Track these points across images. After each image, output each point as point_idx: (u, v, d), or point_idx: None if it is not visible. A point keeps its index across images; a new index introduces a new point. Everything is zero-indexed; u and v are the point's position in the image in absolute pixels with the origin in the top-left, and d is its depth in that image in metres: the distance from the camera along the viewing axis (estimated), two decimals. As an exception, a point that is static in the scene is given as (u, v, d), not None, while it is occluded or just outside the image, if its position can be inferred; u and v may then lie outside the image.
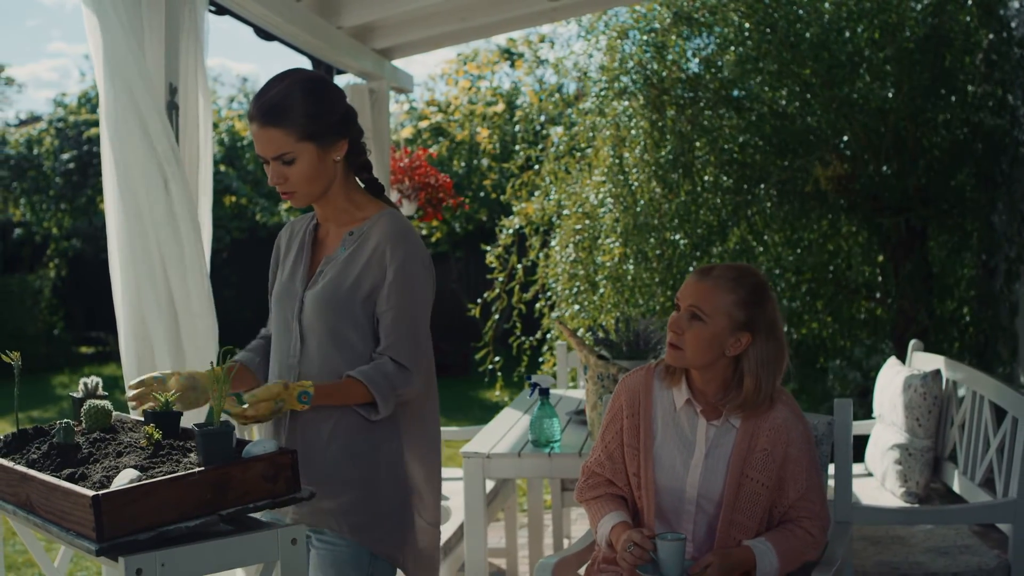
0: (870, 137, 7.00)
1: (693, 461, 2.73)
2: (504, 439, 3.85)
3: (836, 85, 6.92)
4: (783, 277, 7.44)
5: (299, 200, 2.59)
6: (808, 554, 2.72)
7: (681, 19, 7.25)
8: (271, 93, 2.52)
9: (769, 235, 7.36)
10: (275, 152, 2.51)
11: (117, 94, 3.32)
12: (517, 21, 6.57)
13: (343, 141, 2.57)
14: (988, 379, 3.86)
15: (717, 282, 2.68)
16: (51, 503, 2.11)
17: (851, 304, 7.67)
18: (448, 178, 7.01)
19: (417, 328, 2.55)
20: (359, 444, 2.53)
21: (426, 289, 2.58)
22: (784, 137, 7.18)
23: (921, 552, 3.58)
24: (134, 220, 3.37)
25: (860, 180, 7.05)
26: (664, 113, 7.12)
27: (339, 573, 2.50)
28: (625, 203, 7.16)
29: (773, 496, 2.72)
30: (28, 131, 15.30)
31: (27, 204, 15.02)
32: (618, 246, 7.17)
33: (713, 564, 2.57)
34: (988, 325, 7.37)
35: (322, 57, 5.82)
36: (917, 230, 7.30)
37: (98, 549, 1.95)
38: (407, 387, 2.52)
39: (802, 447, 2.73)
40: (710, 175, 7.19)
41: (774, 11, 7.03)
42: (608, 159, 7.33)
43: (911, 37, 6.87)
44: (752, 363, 2.69)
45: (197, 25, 3.76)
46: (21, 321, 14.41)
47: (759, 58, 7.06)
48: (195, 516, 2.06)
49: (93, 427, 2.45)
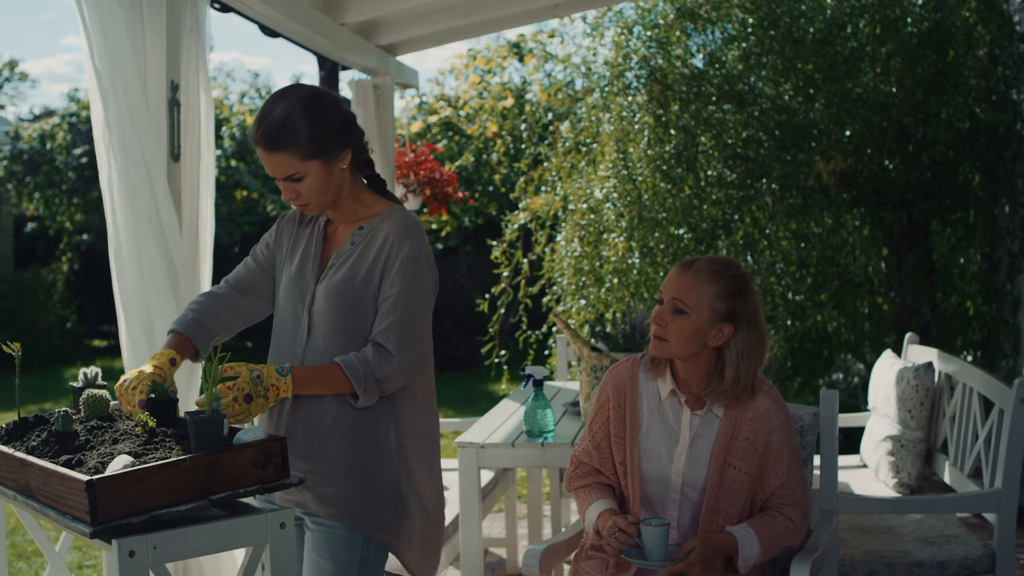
0: (872, 131, 7.04)
1: (678, 450, 2.80)
2: (499, 430, 3.91)
3: (838, 80, 6.96)
4: (787, 271, 7.49)
5: (314, 210, 2.67)
6: (789, 540, 2.79)
7: (684, 15, 7.30)
8: (272, 117, 2.55)
9: (771, 229, 7.40)
10: (284, 174, 2.58)
11: (116, 92, 3.40)
12: (520, 17, 6.63)
13: (347, 150, 2.63)
14: (977, 371, 3.91)
15: (699, 275, 2.73)
16: (48, 488, 2.18)
17: (855, 298, 7.71)
18: (453, 172, 7.07)
19: (411, 318, 2.60)
20: (359, 433, 2.59)
21: (427, 283, 2.64)
22: (787, 132, 7.22)
23: (909, 542, 3.63)
24: (133, 215, 3.44)
25: (862, 174, 7.09)
26: (668, 108, 7.17)
27: (333, 555, 2.57)
28: (629, 198, 7.21)
29: (755, 484, 2.78)
30: (41, 126, 15.41)
31: (40, 199, 15.13)
32: (623, 240, 7.23)
33: (696, 549, 2.65)
34: (991, 319, 7.40)
35: (326, 53, 5.90)
36: (920, 224, 7.34)
37: (92, 532, 2.03)
38: (386, 370, 2.54)
39: (783, 436, 2.79)
40: (713, 170, 7.24)
41: (777, 6, 7.07)
42: (612, 154, 7.38)
43: (913, 32, 6.91)
44: (734, 354, 2.75)
45: (199, 23, 3.83)
46: (34, 314, 14.53)
47: (762, 53, 7.11)
48: (186, 500, 2.13)
49: (91, 415, 2.53)
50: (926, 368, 4.28)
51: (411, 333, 2.61)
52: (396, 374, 2.57)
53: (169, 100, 3.63)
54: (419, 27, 6.21)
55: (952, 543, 3.59)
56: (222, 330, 2.74)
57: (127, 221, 3.43)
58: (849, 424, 5.01)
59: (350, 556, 2.57)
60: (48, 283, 15.02)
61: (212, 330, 2.71)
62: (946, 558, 3.45)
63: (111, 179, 3.45)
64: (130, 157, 3.40)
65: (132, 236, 3.45)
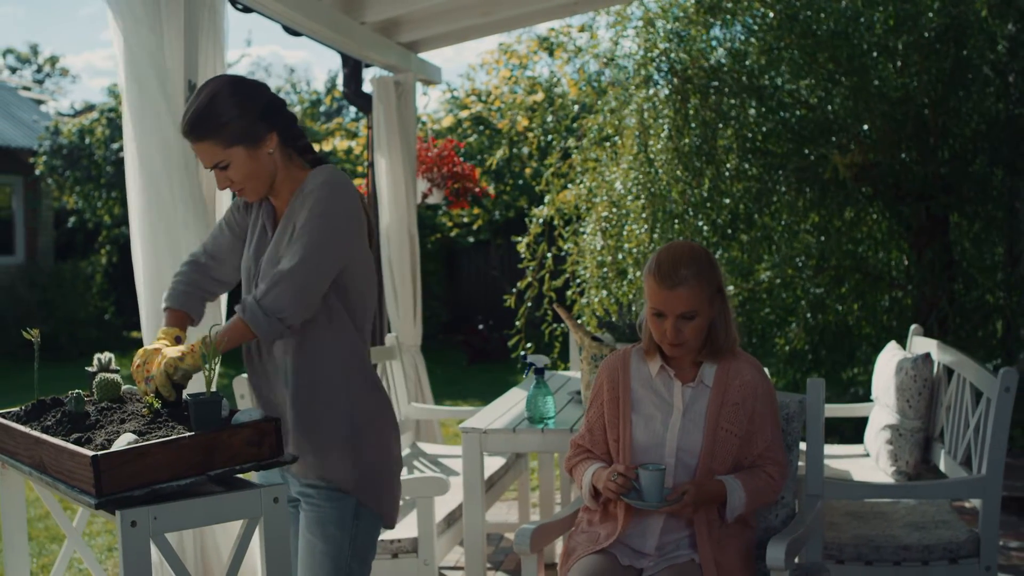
0: (891, 125, 7.10)
1: (672, 419, 3.01)
2: (503, 416, 4.06)
3: (856, 73, 7.03)
4: (808, 264, 7.56)
5: (251, 195, 2.75)
6: (769, 496, 3.01)
7: (704, 8, 7.39)
8: (193, 108, 2.66)
9: (787, 222, 7.47)
10: (211, 162, 2.69)
11: (141, 90, 3.58)
12: (538, 15, 6.75)
13: (271, 134, 2.71)
14: (970, 362, 4.00)
15: (689, 281, 2.92)
16: (59, 463, 2.35)
17: (875, 291, 7.77)
18: (474, 167, 7.21)
19: (307, 252, 2.60)
20: (356, 407, 2.72)
21: (335, 236, 2.64)
22: (805, 126, 7.30)
23: (899, 527, 3.74)
24: (155, 207, 3.62)
25: (880, 167, 7.15)
26: (688, 101, 7.27)
27: (324, 531, 2.72)
28: (651, 190, 7.32)
29: (742, 446, 3.00)
30: (80, 121, 15.71)
31: (80, 193, 15.42)
32: (644, 232, 7.33)
33: (689, 491, 2.87)
34: (1010, 311, 7.45)
35: (348, 51, 6.06)
36: (938, 217, 7.39)
37: (97, 503, 2.19)
38: (276, 305, 2.57)
39: (767, 403, 3.04)
40: (732, 163, 7.32)
41: (795, 0, 7.15)
42: (634, 147, 7.49)
43: (929, 26, 6.96)
44: (720, 316, 3.02)
45: (216, 24, 3.99)
46: (74, 306, 14.87)
47: (783, 48, 7.19)
48: (186, 476, 2.29)
49: (103, 398, 2.69)
50: (924, 359, 4.37)
51: (303, 277, 2.60)
52: (281, 308, 2.59)
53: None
54: (439, 25, 6.34)
55: (940, 528, 3.68)
56: (209, 297, 2.88)
57: (146, 215, 3.60)
58: (857, 414, 5.11)
59: (340, 534, 2.71)
60: (87, 275, 15.35)
61: (202, 298, 2.85)
62: (932, 542, 3.55)
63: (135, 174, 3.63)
64: (152, 155, 3.58)
65: (152, 229, 3.63)
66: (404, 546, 3.80)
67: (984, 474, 3.52)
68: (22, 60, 30.02)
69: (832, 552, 3.58)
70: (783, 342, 7.77)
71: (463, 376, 12.36)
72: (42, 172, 15.53)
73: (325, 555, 2.70)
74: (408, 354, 6.21)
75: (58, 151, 15.36)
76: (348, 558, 2.71)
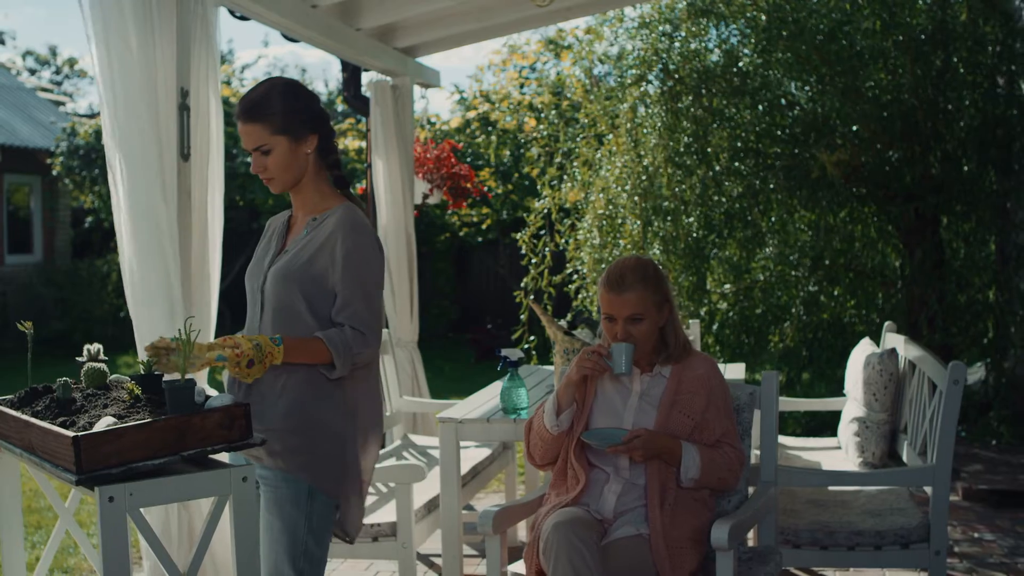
0: (879, 125, 7.24)
1: (630, 401, 3.27)
2: (480, 408, 4.24)
3: (845, 74, 7.18)
4: (801, 263, 7.71)
5: (276, 186, 3.04)
6: (726, 473, 3.22)
7: (697, 11, 7.55)
8: (252, 94, 3.01)
9: (776, 219, 7.63)
10: (254, 144, 2.98)
11: (127, 98, 3.76)
12: (533, 20, 6.92)
13: (313, 136, 3.02)
14: (928, 356, 4.16)
15: (635, 287, 3.22)
16: (46, 444, 2.55)
17: (868, 290, 7.92)
18: (470, 168, 7.39)
19: (370, 299, 2.95)
20: (305, 398, 2.93)
21: (375, 267, 2.98)
22: (794, 126, 7.46)
23: (856, 514, 3.90)
24: (141, 212, 3.80)
25: (867, 167, 7.29)
26: (679, 100, 7.44)
27: (281, 511, 2.92)
28: (643, 186, 7.50)
29: (696, 432, 3.21)
30: (97, 122, 15.97)
31: (97, 193, 15.67)
32: (638, 228, 7.51)
33: (643, 436, 3.11)
34: (1000, 311, 7.58)
35: (343, 57, 6.25)
36: (929, 217, 7.52)
37: (77, 480, 2.39)
38: (364, 349, 2.92)
39: (722, 397, 3.28)
40: (723, 161, 7.48)
41: (786, 2, 7.30)
42: (625, 144, 7.66)
43: (917, 28, 7.10)
44: (672, 323, 3.29)
45: (209, 34, 4.18)
46: (90, 304, 15.18)
47: (772, 50, 7.34)
48: (160, 455, 2.49)
49: (90, 385, 2.90)
50: (890, 354, 4.54)
51: (376, 316, 2.97)
52: (371, 349, 2.95)
53: (179, 105, 3.99)
54: (435, 31, 6.53)
55: (895, 515, 3.85)
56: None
57: (132, 217, 3.79)
58: (831, 408, 5.29)
59: (296, 512, 2.91)
60: (103, 274, 15.62)
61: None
62: (885, 528, 3.71)
63: (118, 178, 3.81)
64: (135, 159, 3.76)
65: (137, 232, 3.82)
66: (383, 530, 3.99)
67: (935, 462, 3.69)
68: (41, 62, 30.39)
69: (789, 537, 3.75)
70: (777, 340, 7.94)
71: (471, 373, 12.55)
72: (59, 172, 15.80)
73: (283, 532, 2.91)
74: (404, 349, 6.41)
75: (75, 152, 15.62)
76: (304, 534, 2.91)
